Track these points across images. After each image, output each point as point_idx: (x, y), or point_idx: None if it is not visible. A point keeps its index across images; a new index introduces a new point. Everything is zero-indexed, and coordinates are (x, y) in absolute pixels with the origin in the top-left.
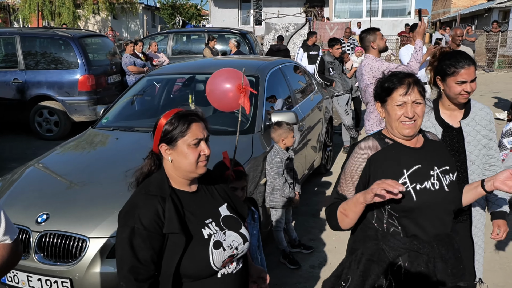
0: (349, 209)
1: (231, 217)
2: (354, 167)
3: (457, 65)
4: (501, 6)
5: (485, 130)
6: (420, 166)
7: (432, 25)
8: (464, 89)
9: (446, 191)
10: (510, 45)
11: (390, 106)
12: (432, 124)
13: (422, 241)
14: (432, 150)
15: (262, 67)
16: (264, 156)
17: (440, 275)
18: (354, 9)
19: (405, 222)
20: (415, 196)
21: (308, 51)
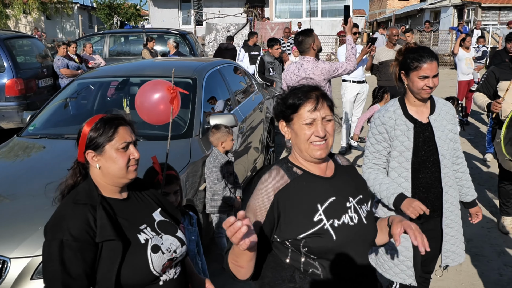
0: (240, 258)
1: (165, 221)
2: (260, 204)
3: (420, 60)
4: (432, 7)
5: (450, 124)
6: (335, 198)
7: (369, 25)
8: (426, 84)
9: (365, 224)
10: (441, 44)
11: (297, 125)
12: (403, 121)
13: (344, 281)
14: (345, 178)
15: (199, 68)
16: (203, 161)
17: None
18: (294, 9)
19: (325, 262)
20: (334, 234)
21: (249, 52)
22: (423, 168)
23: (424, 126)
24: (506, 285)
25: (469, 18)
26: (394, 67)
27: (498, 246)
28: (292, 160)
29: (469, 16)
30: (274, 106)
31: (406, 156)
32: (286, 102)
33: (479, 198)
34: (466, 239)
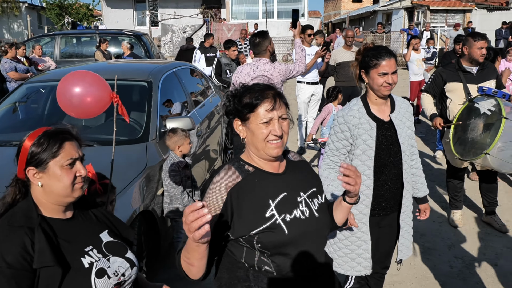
0: (192, 257)
1: (114, 242)
2: (213, 203)
3: (379, 58)
4: (384, 9)
5: (408, 121)
6: (286, 193)
7: (325, 26)
8: (386, 80)
9: (317, 217)
10: (393, 45)
11: (254, 124)
12: (366, 120)
13: (297, 277)
14: (296, 173)
15: (155, 71)
16: (161, 165)
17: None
18: (251, 11)
19: (277, 259)
20: (286, 229)
21: (205, 53)
22: (385, 165)
23: (386, 124)
24: (456, 276)
25: (418, 20)
26: (354, 67)
27: (448, 239)
28: (244, 159)
29: (419, 18)
30: (226, 104)
31: (369, 155)
32: (241, 101)
33: (430, 194)
34: (419, 234)
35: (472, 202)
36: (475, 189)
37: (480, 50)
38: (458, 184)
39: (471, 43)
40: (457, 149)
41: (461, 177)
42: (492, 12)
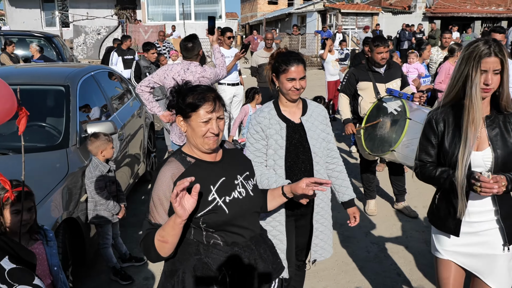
0: (167, 234)
1: (18, 269)
2: (162, 193)
3: (288, 63)
4: (298, 11)
5: (322, 125)
6: (225, 178)
7: (242, 28)
8: (294, 85)
9: (252, 196)
10: (309, 46)
11: (194, 122)
12: (276, 121)
13: (242, 246)
14: (232, 159)
15: (72, 75)
16: (83, 171)
17: (263, 273)
18: (168, 12)
19: (223, 234)
20: (227, 209)
21: (123, 56)
22: (296, 165)
23: (297, 126)
24: (373, 260)
25: (331, 22)
26: (267, 71)
27: (365, 227)
28: (185, 151)
29: (331, 21)
30: (169, 99)
31: (280, 154)
32: (185, 100)
33: None
34: (339, 224)
35: (385, 192)
36: (386, 180)
37: (379, 55)
38: (371, 176)
39: (372, 48)
40: (368, 144)
41: (373, 170)
42: (397, 15)
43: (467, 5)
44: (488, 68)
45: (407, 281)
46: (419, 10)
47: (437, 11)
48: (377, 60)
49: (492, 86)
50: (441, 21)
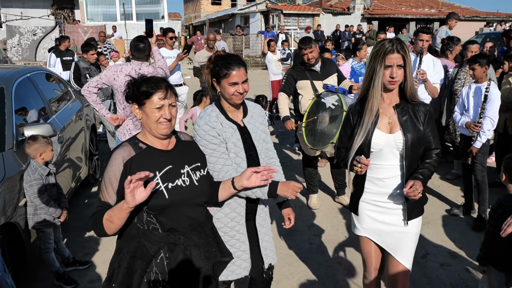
0: (115, 216)
1: None
2: (113, 173)
3: (229, 68)
4: (242, 12)
5: (262, 125)
6: (171, 166)
7: (186, 28)
8: (237, 90)
9: (196, 186)
10: (252, 47)
11: (149, 108)
12: (228, 124)
13: (178, 233)
14: (184, 150)
15: (6, 77)
16: (21, 175)
17: (196, 260)
18: (108, 12)
19: (161, 218)
20: (167, 194)
21: (61, 57)
22: (252, 162)
23: (242, 129)
24: (316, 251)
25: (274, 23)
26: (206, 75)
27: (308, 220)
28: (139, 138)
29: (274, 21)
30: (126, 91)
31: (242, 156)
32: (139, 89)
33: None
34: (283, 219)
35: (326, 186)
36: (328, 174)
37: (305, 56)
38: (313, 171)
39: (301, 49)
40: (309, 139)
41: (314, 165)
42: (337, 16)
43: (402, 7)
44: (392, 63)
45: (347, 269)
46: (358, 12)
47: (375, 12)
48: (305, 60)
49: (397, 78)
50: (378, 22)
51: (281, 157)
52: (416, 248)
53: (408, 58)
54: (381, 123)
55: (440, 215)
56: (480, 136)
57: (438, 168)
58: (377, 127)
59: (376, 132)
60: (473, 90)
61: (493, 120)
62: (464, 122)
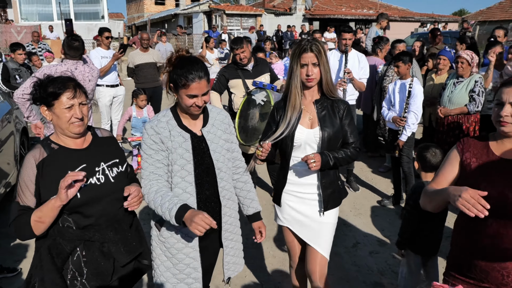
0: (45, 216)
1: None
2: (27, 177)
3: (188, 78)
4: (184, 12)
5: (225, 134)
6: (86, 165)
7: (128, 29)
8: (195, 102)
9: (112, 182)
10: (196, 47)
11: (58, 109)
12: (178, 132)
13: (94, 230)
14: (100, 147)
15: None
16: None
17: (116, 255)
18: (44, 12)
19: (75, 217)
20: (79, 194)
21: None
22: (204, 181)
23: (199, 138)
24: (251, 246)
25: (217, 23)
26: (165, 75)
27: (244, 217)
28: (52, 138)
29: (217, 22)
30: (33, 93)
31: (189, 169)
32: (46, 90)
33: None
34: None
35: (264, 182)
36: (265, 171)
37: (237, 56)
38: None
39: (233, 49)
40: (242, 136)
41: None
42: (279, 16)
43: (342, 8)
44: (307, 62)
45: (280, 261)
46: (299, 12)
47: (316, 13)
48: (237, 60)
49: (313, 76)
50: (319, 22)
51: None
52: (347, 238)
53: (322, 57)
54: (303, 119)
55: (372, 206)
56: (406, 129)
57: (372, 162)
58: (300, 122)
59: (298, 128)
60: (398, 86)
61: (417, 114)
62: (391, 116)
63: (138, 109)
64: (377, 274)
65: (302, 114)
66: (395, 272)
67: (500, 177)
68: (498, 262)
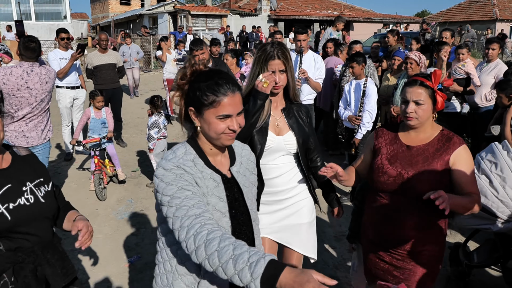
0: None
1: None
2: None
3: (219, 91)
4: (149, 12)
5: (252, 175)
6: (11, 185)
7: (93, 29)
8: (229, 126)
9: (42, 202)
10: None
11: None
12: (208, 174)
13: (27, 252)
14: (23, 166)
15: None
16: None
17: (52, 278)
18: (3, 11)
19: (5, 240)
20: (9, 215)
21: None
22: (240, 235)
23: (230, 181)
24: None
25: (182, 24)
26: (178, 99)
27: None
28: None
29: (182, 22)
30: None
31: (225, 224)
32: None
33: None
34: None
35: None
36: None
37: (197, 57)
38: None
39: (192, 51)
40: None
41: None
42: (244, 17)
43: (307, 9)
44: (274, 69)
45: None
46: (265, 13)
47: (281, 14)
48: None
49: (280, 83)
50: (284, 23)
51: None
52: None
53: (289, 63)
54: (271, 125)
55: None
56: (361, 128)
57: (332, 160)
58: (269, 129)
59: (269, 134)
60: (353, 86)
61: (371, 113)
62: (347, 115)
63: (96, 110)
64: (333, 268)
65: (270, 120)
66: (349, 266)
67: (401, 160)
68: (397, 228)
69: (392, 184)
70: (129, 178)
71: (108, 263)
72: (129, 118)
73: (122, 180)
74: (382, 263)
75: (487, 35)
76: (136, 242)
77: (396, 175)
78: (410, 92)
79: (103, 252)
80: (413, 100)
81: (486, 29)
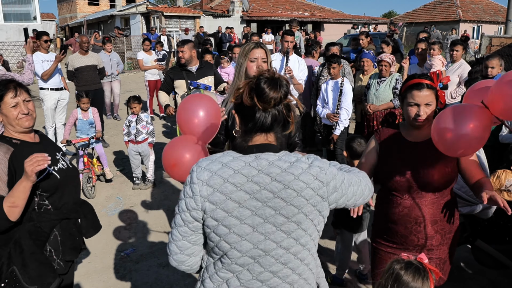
0: (18, 198)
1: None
2: (1, 169)
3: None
4: (121, 13)
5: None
6: (48, 154)
7: (61, 30)
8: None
9: (71, 167)
10: (134, 49)
11: (5, 109)
12: None
13: (69, 209)
14: (48, 142)
15: None
16: None
17: (85, 229)
18: None
19: (53, 199)
20: (58, 175)
21: None
22: None
23: None
24: None
25: (155, 25)
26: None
27: None
28: (8, 135)
29: (155, 23)
30: None
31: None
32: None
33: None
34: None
35: None
36: None
37: (180, 56)
38: None
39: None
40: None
41: None
42: (217, 18)
43: (279, 10)
44: (257, 57)
45: None
46: (237, 14)
47: (253, 15)
48: (180, 61)
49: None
50: (257, 24)
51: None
52: None
53: (269, 57)
54: None
55: None
56: (339, 124)
57: None
58: None
59: None
60: (330, 86)
61: (348, 110)
62: (325, 113)
63: (83, 112)
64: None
65: None
66: (332, 250)
67: (411, 157)
68: (413, 228)
69: (407, 181)
70: (115, 177)
71: (105, 255)
72: (108, 119)
73: (110, 179)
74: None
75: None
76: (129, 235)
77: (410, 172)
78: (421, 96)
79: (98, 246)
80: (424, 103)
81: (450, 30)
